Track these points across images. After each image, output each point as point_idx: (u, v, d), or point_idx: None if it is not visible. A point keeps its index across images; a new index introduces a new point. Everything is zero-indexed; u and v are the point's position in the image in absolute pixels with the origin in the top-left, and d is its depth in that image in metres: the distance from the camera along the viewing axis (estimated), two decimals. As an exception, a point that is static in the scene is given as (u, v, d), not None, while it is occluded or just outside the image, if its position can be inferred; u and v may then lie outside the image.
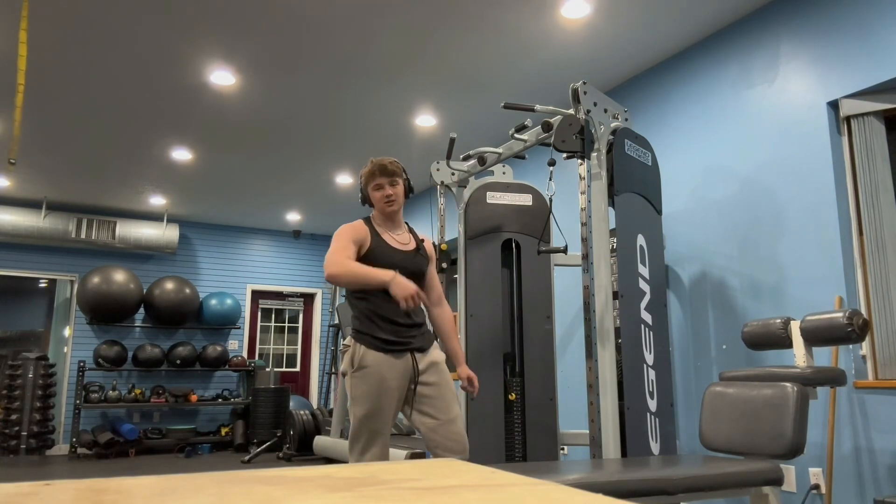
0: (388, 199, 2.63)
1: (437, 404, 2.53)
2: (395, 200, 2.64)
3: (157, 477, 0.81)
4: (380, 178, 2.64)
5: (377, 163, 2.65)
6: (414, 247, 2.69)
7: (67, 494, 0.70)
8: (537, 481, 0.78)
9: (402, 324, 2.56)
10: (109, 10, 3.72)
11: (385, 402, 2.48)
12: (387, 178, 2.63)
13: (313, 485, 0.77)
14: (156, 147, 5.86)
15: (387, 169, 2.63)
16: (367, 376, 2.48)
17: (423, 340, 2.61)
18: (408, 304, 2.40)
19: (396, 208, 2.65)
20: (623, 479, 2.16)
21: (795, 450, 2.48)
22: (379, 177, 2.64)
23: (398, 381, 2.51)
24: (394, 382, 2.50)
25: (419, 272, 2.67)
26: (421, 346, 2.60)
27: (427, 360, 2.60)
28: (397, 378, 2.51)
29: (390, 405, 2.49)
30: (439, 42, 4.08)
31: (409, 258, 2.65)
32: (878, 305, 3.06)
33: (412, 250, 2.68)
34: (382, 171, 2.63)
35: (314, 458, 6.57)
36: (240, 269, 8.77)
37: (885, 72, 3.05)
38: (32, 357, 7.14)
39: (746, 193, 3.67)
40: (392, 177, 2.64)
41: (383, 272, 2.45)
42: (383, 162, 2.64)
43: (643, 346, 3.17)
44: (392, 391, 2.50)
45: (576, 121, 3.15)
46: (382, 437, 2.50)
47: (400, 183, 2.66)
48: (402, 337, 2.55)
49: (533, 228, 3.86)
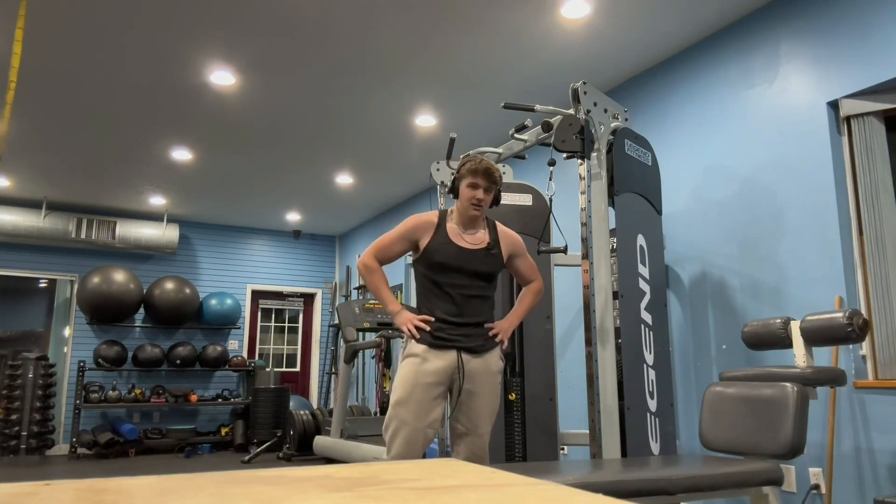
0: (476, 202, 2.60)
1: (471, 415, 2.53)
2: (482, 207, 2.61)
3: (157, 477, 0.81)
4: (480, 178, 2.59)
5: (484, 163, 2.60)
6: (484, 246, 2.63)
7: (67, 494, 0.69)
8: (537, 481, 0.78)
9: (452, 322, 2.56)
10: (109, 10, 3.72)
11: (418, 393, 2.47)
12: (486, 182, 2.59)
13: (313, 485, 0.77)
14: (156, 147, 5.86)
15: (491, 175, 2.59)
16: (409, 364, 2.53)
17: (474, 341, 2.56)
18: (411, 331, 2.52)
19: (479, 214, 2.62)
20: (623, 479, 2.16)
21: (795, 450, 2.48)
22: (479, 177, 2.59)
23: (437, 377, 2.50)
24: (431, 377, 2.49)
25: (484, 273, 2.61)
26: (470, 346, 2.55)
27: (476, 364, 2.55)
28: (436, 374, 2.50)
29: (424, 397, 2.47)
30: (439, 42, 4.08)
31: (471, 257, 2.60)
32: (878, 305, 3.06)
33: (481, 249, 2.62)
34: (486, 174, 2.59)
35: (314, 458, 6.57)
36: (240, 269, 8.77)
37: (885, 72, 3.05)
38: (32, 357, 7.14)
39: (746, 193, 3.67)
40: (492, 184, 2.60)
41: (392, 304, 2.60)
42: (490, 166, 2.60)
43: (643, 346, 3.17)
44: (428, 385, 2.49)
45: (576, 121, 3.15)
46: (408, 428, 2.46)
47: (494, 191, 2.64)
48: (449, 334, 2.55)
49: (533, 228, 3.86)
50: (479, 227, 2.68)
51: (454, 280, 2.59)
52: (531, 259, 2.80)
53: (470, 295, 2.60)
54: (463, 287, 2.59)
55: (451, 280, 2.59)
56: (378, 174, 6.67)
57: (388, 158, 6.21)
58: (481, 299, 2.62)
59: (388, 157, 6.16)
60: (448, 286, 2.59)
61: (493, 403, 2.56)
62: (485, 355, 2.58)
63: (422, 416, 2.47)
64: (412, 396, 2.48)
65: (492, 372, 2.57)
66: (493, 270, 2.64)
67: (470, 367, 2.54)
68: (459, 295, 2.58)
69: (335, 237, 9.48)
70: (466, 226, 2.65)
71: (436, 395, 2.50)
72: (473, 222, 2.66)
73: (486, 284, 2.64)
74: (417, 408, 2.47)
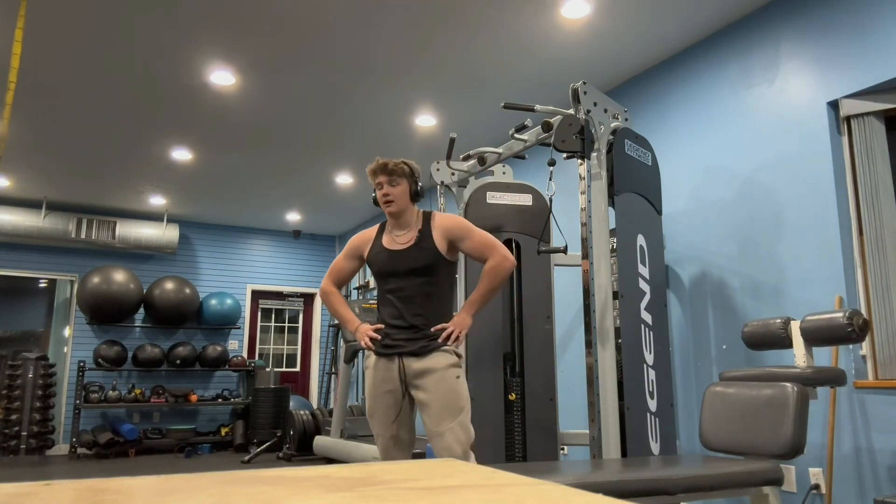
0: (385, 199, 2.59)
1: (430, 413, 2.46)
2: (393, 201, 2.57)
3: (157, 477, 0.81)
4: (380, 176, 2.59)
5: (380, 161, 2.59)
6: (411, 243, 2.58)
7: (67, 494, 0.69)
8: (537, 481, 0.78)
9: (394, 325, 2.56)
10: (109, 10, 3.72)
11: (377, 405, 2.53)
12: (386, 176, 2.58)
13: (313, 485, 0.77)
14: (156, 147, 5.86)
15: (387, 167, 2.58)
16: (368, 377, 2.58)
17: (416, 344, 2.51)
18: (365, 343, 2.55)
19: (394, 209, 2.58)
20: (623, 479, 2.16)
21: (795, 450, 2.48)
22: (379, 175, 2.59)
23: (387, 385, 2.52)
24: (387, 385, 2.52)
25: (414, 268, 2.55)
26: (412, 350, 2.51)
27: (419, 365, 2.49)
28: (384, 382, 2.53)
29: (382, 407, 2.52)
30: (439, 42, 4.08)
31: (402, 257, 2.56)
32: (878, 305, 3.06)
33: (410, 246, 2.57)
34: (382, 169, 2.58)
35: (314, 458, 6.57)
36: (240, 269, 8.77)
37: (885, 72, 3.05)
38: (32, 357, 7.14)
39: (746, 193, 3.67)
40: (391, 176, 2.58)
41: (352, 322, 2.62)
42: (386, 161, 2.59)
43: (643, 346, 3.17)
44: (385, 394, 2.52)
45: (576, 121, 3.15)
46: (381, 438, 2.55)
47: (402, 183, 2.59)
48: (392, 340, 2.55)
49: (533, 228, 3.86)
50: (411, 225, 2.63)
51: (393, 284, 2.58)
52: (480, 235, 2.58)
53: (408, 296, 2.55)
54: (401, 289, 2.56)
55: (391, 285, 2.58)
56: (378, 174, 6.67)
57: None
58: (424, 297, 2.55)
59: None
60: (389, 291, 2.59)
61: (449, 399, 2.44)
62: (430, 356, 2.49)
63: (387, 425, 2.53)
64: (375, 408, 2.54)
65: (439, 368, 2.47)
66: (427, 263, 2.54)
67: (412, 370, 2.50)
68: (399, 298, 2.56)
69: (335, 237, 9.48)
70: (399, 227, 2.63)
71: (393, 402, 2.53)
72: (402, 222, 2.62)
73: (426, 280, 2.55)
74: (382, 418, 2.53)
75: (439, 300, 2.58)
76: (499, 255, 2.56)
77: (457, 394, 2.47)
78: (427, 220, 2.63)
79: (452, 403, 2.45)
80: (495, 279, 2.55)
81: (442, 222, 2.60)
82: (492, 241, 2.58)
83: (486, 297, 2.57)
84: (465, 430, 2.47)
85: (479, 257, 2.58)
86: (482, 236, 2.58)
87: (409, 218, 2.63)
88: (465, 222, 2.60)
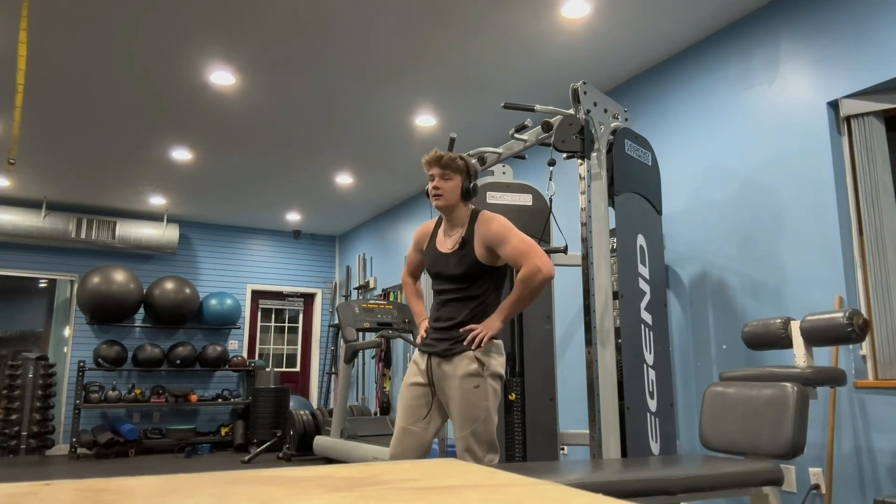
0: (435, 193, 2.55)
1: (452, 417, 2.50)
2: (442, 195, 2.53)
3: (157, 477, 0.81)
4: (433, 168, 2.54)
5: (433, 153, 2.55)
6: (455, 248, 2.55)
7: (67, 494, 0.69)
8: (537, 481, 0.78)
9: (433, 326, 2.61)
10: (110, 10, 3.72)
11: (405, 395, 2.57)
12: (439, 169, 2.53)
13: (313, 485, 0.77)
14: (156, 147, 5.86)
15: (441, 160, 2.52)
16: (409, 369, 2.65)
17: (442, 345, 2.51)
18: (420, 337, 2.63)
19: (442, 204, 2.54)
20: (623, 479, 2.16)
21: (795, 450, 2.48)
22: (433, 167, 2.54)
23: (414, 378, 2.59)
24: (416, 378, 2.58)
25: (456, 275, 2.52)
26: (438, 350, 2.52)
27: (444, 368, 2.50)
28: (413, 374, 2.60)
29: (408, 397, 2.56)
30: (439, 42, 4.08)
31: (446, 261, 2.56)
32: (878, 305, 3.06)
33: (451, 252, 2.55)
34: (436, 161, 2.53)
35: (314, 458, 6.57)
36: (240, 269, 8.77)
37: (885, 72, 3.05)
38: (32, 357, 7.14)
39: (746, 193, 3.67)
40: (445, 169, 2.52)
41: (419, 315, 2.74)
42: (440, 153, 2.53)
43: (643, 346, 3.17)
44: (411, 386, 2.58)
45: (576, 121, 3.15)
46: (398, 427, 2.56)
47: (455, 178, 2.53)
48: (430, 339, 2.60)
49: (533, 228, 3.86)
50: (460, 223, 2.59)
51: (437, 285, 2.63)
52: (517, 242, 2.46)
53: (448, 299, 2.57)
54: (443, 292, 2.60)
55: (437, 285, 2.64)
56: (378, 174, 6.67)
57: (388, 158, 6.21)
58: (459, 301, 2.54)
59: (388, 157, 6.16)
60: (436, 291, 2.65)
61: (463, 408, 2.41)
62: (453, 359, 2.47)
63: (405, 416, 2.55)
64: (402, 398, 2.60)
65: (458, 376, 2.44)
66: (464, 272, 2.51)
67: (438, 371, 2.53)
68: (440, 299, 2.61)
69: (335, 237, 9.48)
70: (450, 225, 2.62)
71: (418, 395, 2.55)
72: (452, 219, 2.60)
73: (466, 286, 2.53)
74: (403, 408, 2.57)
75: (480, 305, 2.53)
76: (532, 266, 2.42)
77: (471, 403, 2.41)
78: (472, 223, 2.55)
79: (466, 412, 2.42)
80: (525, 290, 2.44)
81: (483, 227, 2.52)
82: (526, 249, 2.44)
83: (516, 305, 2.47)
84: (480, 442, 2.42)
85: (514, 265, 2.47)
86: (518, 243, 2.46)
87: (459, 215, 2.59)
88: (503, 227, 2.49)
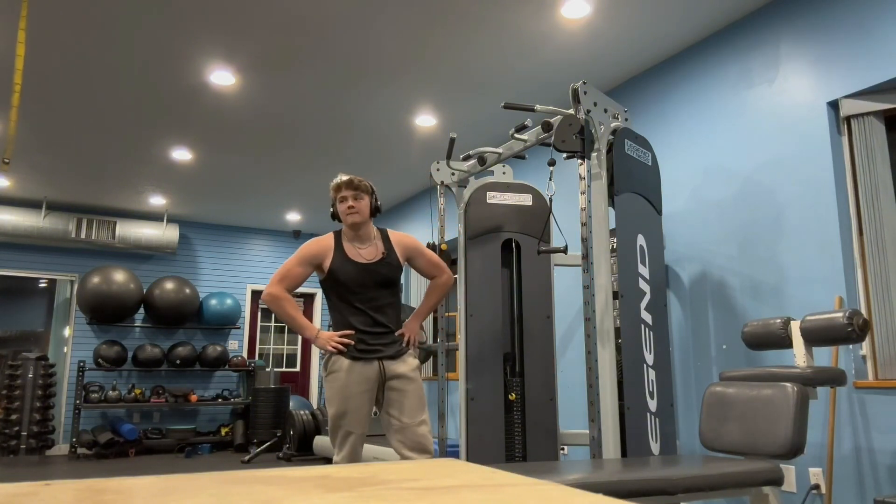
0: (350, 211, 2.80)
1: (405, 410, 2.74)
2: (358, 212, 2.81)
3: (157, 477, 0.81)
4: (345, 191, 2.82)
5: (344, 178, 2.84)
6: (379, 258, 2.84)
7: (67, 494, 0.70)
8: (537, 481, 0.78)
9: (369, 332, 2.79)
10: (110, 11, 3.72)
11: (351, 405, 2.72)
12: (351, 191, 2.82)
13: (313, 485, 0.77)
14: (156, 147, 5.86)
15: (352, 183, 2.83)
16: (335, 380, 2.75)
17: (392, 349, 2.81)
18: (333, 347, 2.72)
19: (359, 220, 2.81)
20: (623, 479, 2.16)
21: (795, 450, 2.48)
22: (344, 190, 2.83)
23: (364, 386, 2.74)
24: (358, 387, 2.73)
25: (384, 281, 2.82)
26: (390, 354, 2.80)
27: (396, 369, 2.79)
28: (362, 383, 2.74)
29: (357, 407, 2.72)
30: (439, 42, 4.08)
31: (372, 271, 2.81)
32: (878, 305, 3.06)
33: (376, 262, 2.83)
34: (348, 184, 2.83)
35: (314, 458, 6.57)
36: (240, 269, 8.77)
37: (885, 72, 3.05)
38: (32, 357, 7.14)
39: (746, 193, 3.67)
40: (356, 191, 2.82)
41: (309, 329, 2.81)
42: (352, 177, 2.85)
43: (643, 346, 3.17)
44: (360, 394, 2.73)
45: (576, 121, 3.15)
46: (353, 436, 2.75)
47: (365, 198, 2.84)
48: (369, 345, 2.78)
49: (533, 228, 3.86)
50: (371, 238, 2.88)
51: (363, 295, 2.81)
52: (430, 255, 2.97)
53: (379, 305, 2.83)
54: (372, 300, 2.82)
55: (360, 296, 2.81)
56: (378, 174, 6.67)
57: (388, 158, 6.21)
58: (390, 307, 2.86)
59: (388, 157, 6.16)
60: (359, 301, 2.81)
61: (420, 397, 2.79)
62: (402, 360, 2.82)
63: (362, 424, 2.75)
64: (349, 408, 2.73)
65: (412, 369, 2.82)
66: (394, 277, 2.86)
67: (392, 371, 2.78)
68: (371, 307, 2.81)
69: (335, 237, 9.47)
70: (359, 240, 2.86)
71: (367, 402, 2.76)
72: (362, 235, 2.85)
73: (391, 292, 2.87)
74: (357, 417, 2.74)
75: (397, 310, 2.91)
76: (448, 274, 3.00)
77: (422, 392, 2.84)
78: (387, 237, 2.92)
79: (422, 400, 2.81)
80: (442, 295, 3.00)
81: (400, 241, 2.93)
82: (438, 261, 2.98)
83: (432, 309, 2.98)
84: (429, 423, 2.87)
85: (430, 274, 2.98)
86: (431, 256, 2.98)
87: (368, 231, 2.88)
88: (417, 241, 2.97)
